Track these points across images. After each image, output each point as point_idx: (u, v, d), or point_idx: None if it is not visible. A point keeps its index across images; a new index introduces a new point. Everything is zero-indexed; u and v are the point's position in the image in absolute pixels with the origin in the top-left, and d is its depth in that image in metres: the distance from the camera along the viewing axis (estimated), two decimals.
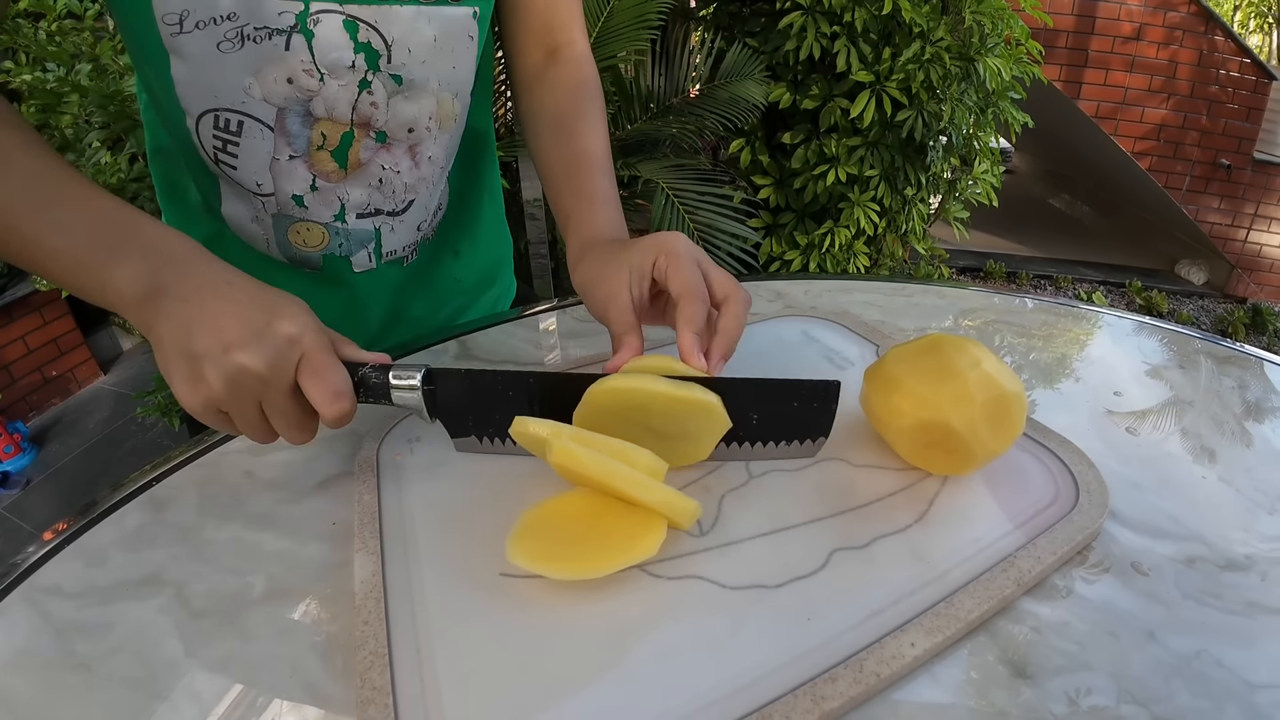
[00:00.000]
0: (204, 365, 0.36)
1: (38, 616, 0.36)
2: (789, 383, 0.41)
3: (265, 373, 0.36)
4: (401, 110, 0.52)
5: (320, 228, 0.56)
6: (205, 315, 0.36)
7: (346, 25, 0.47)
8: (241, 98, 0.48)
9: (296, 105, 0.49)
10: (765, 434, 0.42)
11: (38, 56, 1.36)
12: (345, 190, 0.55)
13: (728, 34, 2.29)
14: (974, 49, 2.01)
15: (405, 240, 0.61)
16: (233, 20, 0.44)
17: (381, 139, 0.53)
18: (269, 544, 0.40)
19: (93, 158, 1.36)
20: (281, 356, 0.36)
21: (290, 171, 0.52)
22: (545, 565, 0.33)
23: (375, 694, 0.29)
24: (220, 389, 0.36)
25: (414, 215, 0.60)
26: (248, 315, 0.36)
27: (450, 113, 0.56)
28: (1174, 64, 3.40)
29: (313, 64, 0.47)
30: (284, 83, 0.48)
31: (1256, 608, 0.35)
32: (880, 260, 2.45)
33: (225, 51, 0.45)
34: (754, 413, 0.42)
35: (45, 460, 2.07)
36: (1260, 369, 0.58)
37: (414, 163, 0.56)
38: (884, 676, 0.30)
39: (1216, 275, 3.85)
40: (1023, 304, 0.69)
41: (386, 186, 0.56)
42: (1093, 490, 0.40)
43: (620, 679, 0.30)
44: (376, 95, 0.51)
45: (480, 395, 0.42)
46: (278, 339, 0.36)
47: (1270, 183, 3.58)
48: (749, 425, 0.42)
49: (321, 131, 0.51)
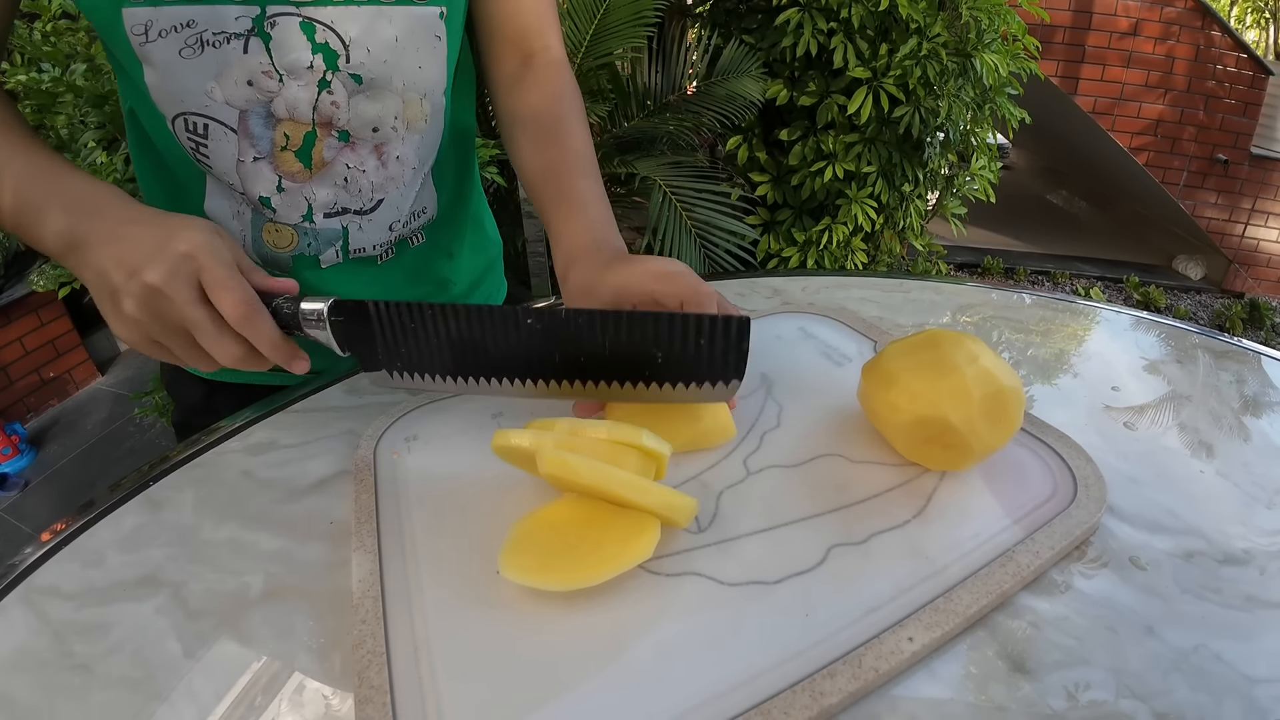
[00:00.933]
0: (121, 298, 0.39)
1: (35, 617, 0.36)
2: (696, 317, 0.40)
3: (165, 286, 0.38)
4: (364, 110, 0.52)
5: (289, 229, 0.57)
6: (112, 254, 0.39)
7: (303, 26, 0.48)
8: (205, 101, 0.49)
9: (258, 107, 0.50)
10: (674, 374, 0.41)
11: (33, 57, 1.36)
12: (311, 190, 0.55)
13: (724, 31, 2.28)
14: (971, 45, 2.01)
15: (376, 239, 0.60)
16: (191, 27, 0.46)
17: (345, 138, 0.53)
18: (266, 543, 0.40)
19: (88, 157, 1.36)
20: (177, 269, 0.38)
21: (256, 173, 0.53)
22: (540, 578, 0.33)
23: (373, 693, 0.29)
24: (138, 313, 0.39)
25: (384, 215, 0.59)
26: (147, 240, 0.39)
27: (419, 114, 0.56)
28: (1171, 59, 3.40)
29: (271, 66, 0.48)
30: (244, 85, 0.48)
31: (1255, 602, 0.35)
32: (878, 257, 2.45)
33: (187, 58, 0.47)
34: (658, 350, 0.40)
35: (43, 461, 2.07)
36: (1258, 363, 0.58)
37: (380, 162, 0.56)
38: (883, 672, 0.30)
39: (1214, 270, 3.86)
40: (1020, 299, 0.69)
41: (353, 185, 0.56)
42: (1090, 485, 0.40)
43: (619, 676, 0.30)
44: (337, 95, 0.51)
45: (390, 327, 0.42)
46: (172, 255, 0.39)
47: (1267, 178, 3.58)
48: (654, 363, 0.41)
49: (284, 132, 0.51)
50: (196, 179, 0.55)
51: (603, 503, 0.36)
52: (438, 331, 0.42)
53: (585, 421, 0.38)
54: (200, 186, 0.56)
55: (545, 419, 0.39)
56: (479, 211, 0.73)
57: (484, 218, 0.74)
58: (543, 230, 1.97)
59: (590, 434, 0.37)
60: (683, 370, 0.41)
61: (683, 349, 0.40)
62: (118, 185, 1.35)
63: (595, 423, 0.38)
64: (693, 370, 0.41)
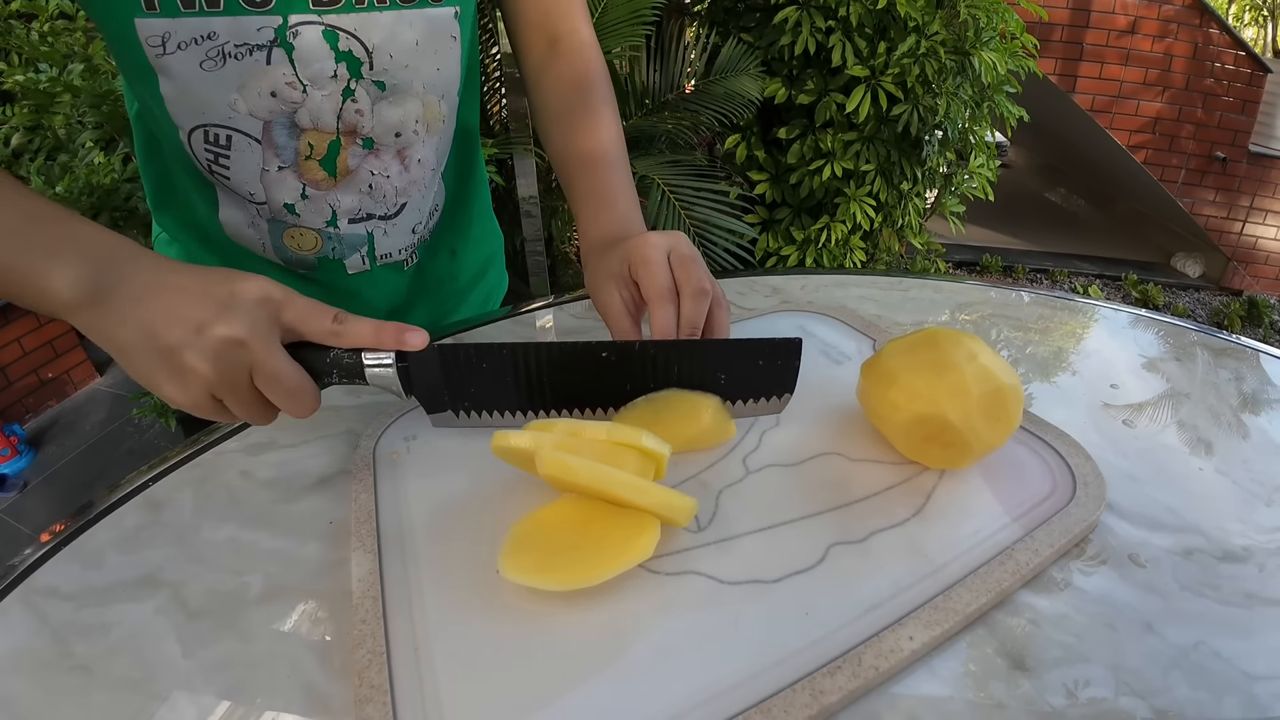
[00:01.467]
0: (184, 354, 0.35)
1: (35, 618, 0.36)
2: (754, 341, 0.43)
3: (246, 335, 0.35)
4: (387, 115, 0.52)
5: (313, 233, 0.57)
6: (164, 308, 0.35)
7: (326, 35, 0.47)
8: (228, 113, 0.48)
9: (282, 118, 0.49)
10: (734, 392, 0.44)
11: (30, 57, 1.35)
12: (336, 197, 0.55)
13: (722, 29, 2.28)
14: (969, 43, 2.01)
15: (401, 243, 0.61)
16: (213, 39, 0.45)
17: (369, 145, 0.53)
18: (266, 543, 0.40)
19: (86, 158, 1.35)
20: (255, 318, 0.36)
21: (280, 182, 0.52)
22: (540, 578, 0.33)
23: (373, 692, 0.29)
24: (208, 369, 0.35)
25: (408, 218, 0.60)
26: (207, 292, 0.36)
27: (437, 114, 0.56)
28: (1169, 57, 3.40)
29: (295, 76, 0.47)
30: (268, 96, 0.48)
31: (1254, 599, 0.35)
32: (876, 255, 2.45)
33: (208, 70, 0.46)
34: (722, 372, 0.44)
35: (42, 462, 2.06)
36: (1256, 361, 0.58)
37: (404, 166, 0.56)
38: (883, 670, 0.30)
39: (1212, 268, 3.86)
40: (1019, 298, 0.69)
41: (377, 192, 0.56)
42: (1090, 483, 0.40)
43: (619, 675, 0.30)
44: (361, 103, 0.51)
45: (454, 369, 0.42)
46: (247, 303, 0.36)
47: (1265, 175, 3.58)
48: (718, 385, 0.44)
49: (309, 142, 0.51)
50: (207, 188, 0.55)
51: (602, 503, 0.36)
52: (503, 368, 0.42)
53: (585, 423, 0.38)
54: (211, 195, 0.55)
55: (544, 420, 0.39)
56: (483, 208, 0.73)
57: (486, 213, 0.74)
58: (541, 230, 1.98)
59: (590, 435, 0.37)
60: (743, 388, 0.45)
61: (743, 370, 0.44)
62: (116, 185, 1.35)
63: (595, 424, 0.38)
64: (750, 387, 0.45)
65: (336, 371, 0.40)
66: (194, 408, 0.37)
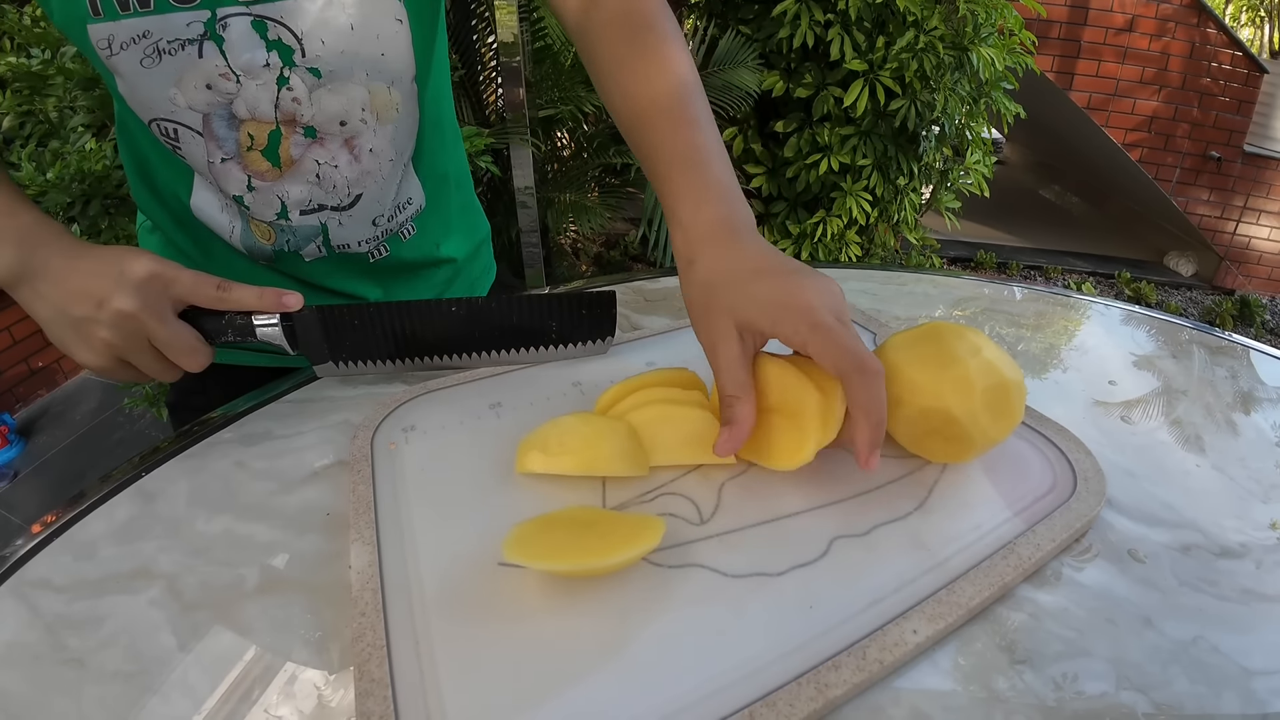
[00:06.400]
0: (89, 326, 0.43)
1: (27, 610, 0.36)
2: (577, 295, 0.52)
3: (138, 309, 0.42)
4: (327, 104, 0.51)
5: (266, 226, 0.56)
6: (72, 287, 0.43)
7: (255, 25, 0.47)
8: (170, 108, 0.49)
9: (220, 109, 0.49)
10: (564, 338, 0.53)
11: (23, 42, 1.34)
12: (284, 189, 0.54)
13: (721, 21, 2.27)
14: (967, 38, 2.00)
15: (360, 235, 0.59)
16: (147, 37, 0.45)
17: (311, 134, 0.52)
18: (261, 535, 0.40)
19: (77, 142, 1.34)
20: (145, 292, 0.43)
21: (226, 174, 0.52)
22: (545, 561, 0.32)
23: (374, 686, 0.29)
24: (111, 337, 0.43)
25: (365, 210, 0.58)
26: (103, 272, 0.43)
27: (388, 103, 0.54)
28: (1166, 56, 3.41)
29: (228, 68, 0.48)
30: (204, 89, 0.48)
31: (1251, 595, 0.35)
32: (872, 250, 2.46)
33: (147, 68, 0.47)
34: (553, 321, 0.52)
35: (33, 452, 2.05)
36: (1248, 358, 0.58)
37: (353, 156, 0.55)
38: (886, 664, 0.30)
39: (1205, 267, 3.88)
40: (1013, 293, 0.69)
41: (326, 182, 0.55)
42: (1090, 478, 0.40)
43: (622, 668, 0.30)
44: (297, 90, 0.50)
45: (331, 326, 0.49)
46: (135, 280, 0.42)
47: (1260, 175, 3.60)
48: (550, 332, 0.53)
49: (249, 132, 0.51)
50: (183, 174, 0.55)
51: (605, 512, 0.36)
52: (378, 325, 0.50)
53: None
54: (187, 182, 0.55)
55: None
56: (467, 200, 0.72)
57: (471, 205, 0.73)
58: (536, 221, 1.97)
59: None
60: (570, 334, 0.53)
61: (570, 320, 0.53)
62: (107, 172, 1.33)
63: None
64: (577, 333, 0.53)
65: (231, 331, 0.46)
66: (107, 370, 0.45)
